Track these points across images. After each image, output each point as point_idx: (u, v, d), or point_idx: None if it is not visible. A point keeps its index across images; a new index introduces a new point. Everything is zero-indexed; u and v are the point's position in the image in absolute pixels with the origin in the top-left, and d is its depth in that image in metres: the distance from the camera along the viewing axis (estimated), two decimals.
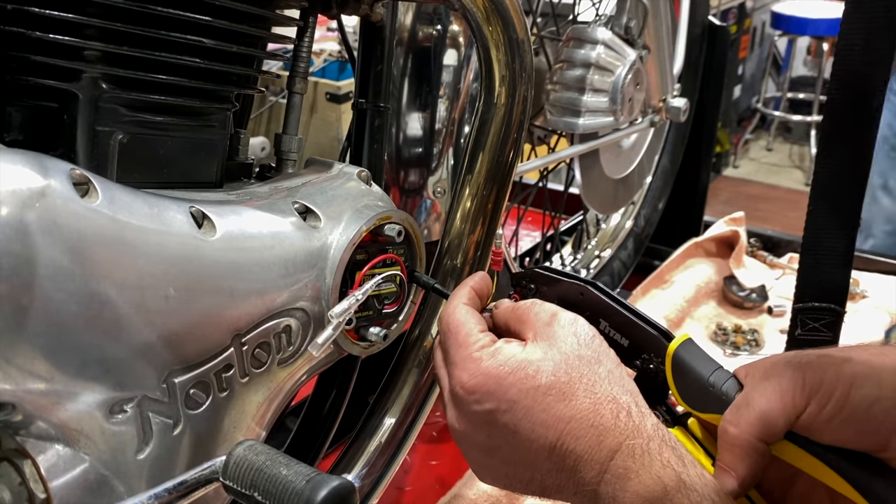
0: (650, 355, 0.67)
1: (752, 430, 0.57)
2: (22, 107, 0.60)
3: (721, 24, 1.78)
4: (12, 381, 0.49)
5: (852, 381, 0.55)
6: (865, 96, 0.91)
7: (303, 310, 0.65)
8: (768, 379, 0.58)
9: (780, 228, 1.94)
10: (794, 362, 0.58)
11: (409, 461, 1.18)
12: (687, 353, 0.65)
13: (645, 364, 0.68)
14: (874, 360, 0.56)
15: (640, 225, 1.74)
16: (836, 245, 0.95)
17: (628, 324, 0.69)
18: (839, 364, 0.57)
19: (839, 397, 0.55)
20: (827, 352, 0.59)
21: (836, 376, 0.56)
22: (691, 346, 0.66)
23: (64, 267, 0.49)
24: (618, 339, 0.70)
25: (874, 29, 0.89)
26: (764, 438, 0.57)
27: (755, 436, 0.57)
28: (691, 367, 0.65)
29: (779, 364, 0.59)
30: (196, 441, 0.59)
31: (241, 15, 0.65)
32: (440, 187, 1.06)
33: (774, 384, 0.58)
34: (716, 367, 0.64)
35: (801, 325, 0.98)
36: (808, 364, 0.57)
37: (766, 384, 0.58)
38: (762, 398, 0.58)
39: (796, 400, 0.56)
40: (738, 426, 0.58)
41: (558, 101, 1.27)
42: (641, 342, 0.68)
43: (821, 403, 0.55)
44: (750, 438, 0.57)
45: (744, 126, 5.54)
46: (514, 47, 0.75)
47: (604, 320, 0.70)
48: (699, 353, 0.66)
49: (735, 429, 0.58)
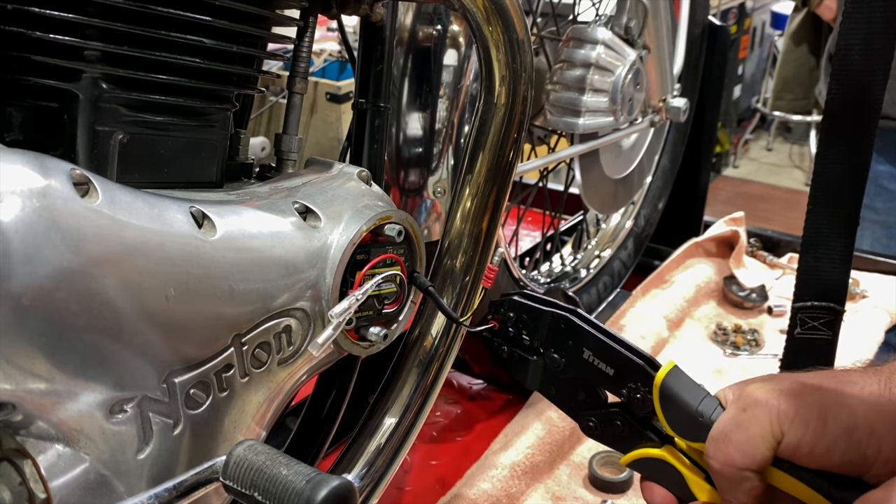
0: (637, 384, 0.67)
1: (734, 463, 0.59)
2: (22, 107, 0.60)
3: (721, 24, 1.78)
4: (12, 381, 0.49)
5: (826, 410, 0.57)
6: (865, 96, 0.91)
7: (303, 310, 0.65)
8: (745, 410, 0.60)
9: (780, 228, 1.94)
10: (769, 390, 0.59)
11: (409, 461, 1.18)
12: (674, 381, 0.66)
13: (632, 393, 0.68)
14: (844, 389, 0.58)
15: (640, 225, 1.74)
16: (836, 244, 0.95)
17: (612, 352, 0.69)
18: (811, 393, 0.58)
19: (815, 427, 0.56)
20: (799, 379, 0.61)
21: (809, 405, 0.57)
22: (678, 374, 0.66)
23: (64, 267, 0.49)
24: (602, 367, 0.70)
25: (873, 29, 0.89)
26: (747, 468, 0.59)
27: (738, 467, 0.59)
28: (679, 396, 0.65)
29: (753, 394, 0.60)
30: (196, 441, 0.59)
31: (241, 15, 0.65)
32: (440, 187, 1.06)
33: (751, 416, 0.59)
34: (703, 395, 0.65)
35: (800, 324, 0.98)
36: (783, 393, 0.59)
37: (742, 416, 0.60)
38: (739, 431, 0.59)
39: (774, 430, 0.58)
40: (719, 460, 0.60)
41: (558, 101, 1.27)
42: (627, 371, 0.68)
43: (798, 433, 0.57)
44: (732, 471, 0.59)
45: (744, 126, 5.55)
46: (514, 47, 0.75)
47: (587, 349, 0.70)
48: (686, 381, 0.66)
49: (716, 462, 0.60)
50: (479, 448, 1.20)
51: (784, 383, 0.60)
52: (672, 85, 1.54)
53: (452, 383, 1.39)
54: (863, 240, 1.95)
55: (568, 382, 0.73)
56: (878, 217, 1.97)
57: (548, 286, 1.49)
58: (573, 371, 0.72)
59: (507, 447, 1.15)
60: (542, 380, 0.75)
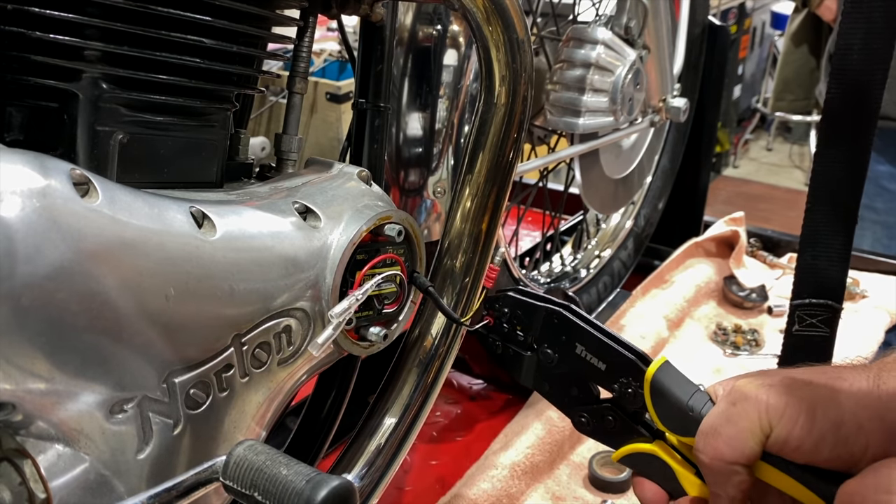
0: (628, 379, 0.68)
1: (723, 457, 0.59)
2: (22, 107, 0.60)
3: (721, 24, 1.78)
4: (12, 381, 0.49)
5: (815, 406, 0.57)
6: (864, 95, 0.91)
7: (303, 310, 0.65)
8: (734, 405, 0.60)
9: (780, 228, 1.94)
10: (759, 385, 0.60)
11: (409, 461, 1.18)
12: (665, 376, 0.66)
13: (623, 388, 0.68)
14: (834, 385, 0.58)
15: (640, 225, 1.74)
16: (834, 242, 0.95)
17: (605, 348, 0.70)
18: (801, 388, 0.58)
19: (804, 422, 0.57)
20: (789, 374, 0.61)
21: (798, 401, 0.57)
22: (669, 370, 0.67)
23: (64, 267, 0.49)
24: (595, 362, 0.70)
25: (873, 29, 0.89)
26: (736, 462, 0.59)
27: (726, 461, 0.59)
28: (670, 391, 0.66)
29: (743, 389, 0.60)
30: (196, 441, 0.59)
31: (241, 15, 0.65)
32: (440, 187, 1.06)
33: (740, 410, 0.59)
34: (694, 389, 0.65)
35: (798, 322, 0.98)
36: (772, 388, 0.59)
37: (731, 410, 0.60)
38: (728, 426, 0.59)
39: (762, 425, 0.58)
40: (708, 454, 0.60)
41: (558, 101, 1.27)
42: (619, 366, 0.69)
43: (787, 428, 0.57)
44: (721, 465, 0.59)
45: (744, 126, 5.55)
46: (514, 47, 0.75)
47: (580, 344, 0.71)
48: (677, 376, 0.67)
49: (705, 457, 0.61)
50: (479, 448, 1.20)
51: (774, 378, 0.60)
52: (672, 85, 1.54)
53: (452, 383, 1.39)
54: (863, 240, 1.95)
55: (561, 378, 0.73)
56: (879, 217, 1.97)
57: (548, 286, 1.49)
58: (566, 366, 0.73)
59: (507, 447, 1.15)
60: (535, 375, 0.75)
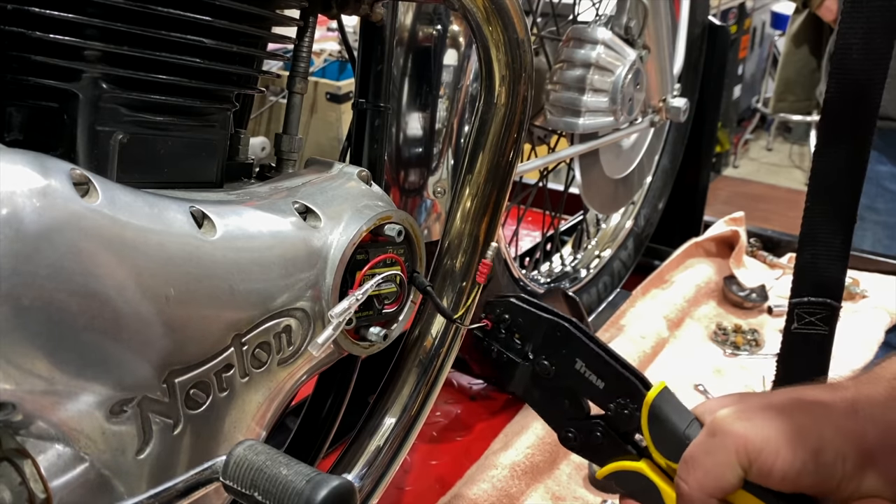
0: (626, 400, 0.69)
1: (702, 488, 0.60)
2: (22, 107, 0.60)
3: (721, 24, 1.78)
4: (12, 381, 0.49)
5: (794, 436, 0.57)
6: (863, 94, 0.91)
7: (303, 310, 0.65)
8: (714, 436, 0.60)
9: (781, 228, 1.94)
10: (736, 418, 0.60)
11: (409, 461, 1.18)
12: (664, 403, 0.67)
13: (620, 408, 0.69)
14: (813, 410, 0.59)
15: (640, 225, 1.74)
16: (833, 241, 0.95)
17: (606, 367, 0.70)
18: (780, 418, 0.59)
19: (785, 455, 0.57)
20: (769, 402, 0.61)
21: (777, 432, 0.58)
22: (668, 396, 0.68)
23: (64, 267, 0.49)
24: (593, 380, 0.71)
25: (872, 28, 0.89)
26: (714, 494, 0.59)
27: (705, 493, 0.60)
28: (668, 417, 0.66)
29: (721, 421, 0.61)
30: (196, 441, 0.59)
31: (241, 15, 0.65)
32: (440, 187, 1.06)
33: (719, 443, 0.60)
34: (690, 418, 0.66)
35: (797, 320, 0.99)
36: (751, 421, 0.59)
37: (710, 442, 0.60)
38: (707, 458, 0.60)
39: (740, 459, 0.58)
40: (689, 483, 0.61)
41: (558, 101, 1.27)
42: (618, 386, 0.70)
43: (769, 462, 0.57)
44: (700, 495, 0.60)
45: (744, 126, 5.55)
46: (514, 47, 0.75)
47: (580, 360, 0.71)
48: (675, 404, 0.68)
49: (685, 486, 0.61)
50: (479, 448, 1.20)
51: (752, 408, 0.61)
52: (672, 85, 1.54)
53: (452, 383, 1.39)
54: (864, 240, 1.95)
55: (554, 391, 0.74)
56: (880, 218, 1.97)
57: (548, 286, 1.49)
58: (562, 380, 0.73)
59: (507, 447, 1.15)
60: (526, 385, 0.75)
